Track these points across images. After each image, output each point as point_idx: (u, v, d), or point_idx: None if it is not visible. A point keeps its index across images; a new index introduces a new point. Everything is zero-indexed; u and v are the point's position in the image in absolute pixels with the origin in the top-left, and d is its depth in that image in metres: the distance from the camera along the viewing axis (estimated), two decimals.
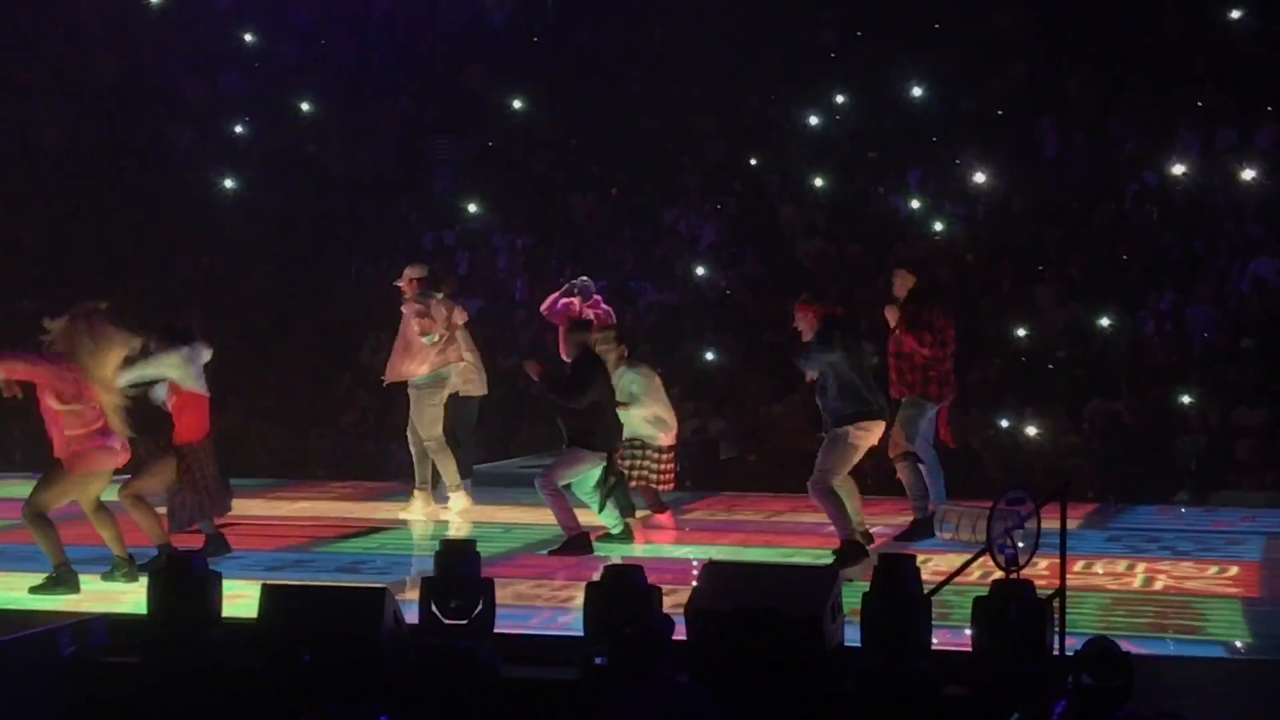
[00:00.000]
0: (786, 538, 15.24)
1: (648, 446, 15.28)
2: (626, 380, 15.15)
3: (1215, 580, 13.17)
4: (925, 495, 14.74)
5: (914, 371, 14.81)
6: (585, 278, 17.30)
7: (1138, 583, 12.97)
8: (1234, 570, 13.54)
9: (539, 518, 14.91)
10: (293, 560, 13.45)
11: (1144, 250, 22.73)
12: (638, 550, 14.03)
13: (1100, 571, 13.32)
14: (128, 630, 9.89)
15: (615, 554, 13.71)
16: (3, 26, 27.63)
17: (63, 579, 11.66)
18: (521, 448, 21.01)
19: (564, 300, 16.50)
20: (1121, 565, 13.68)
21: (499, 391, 19.92)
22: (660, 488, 15.46)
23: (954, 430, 15.67)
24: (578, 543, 13.89)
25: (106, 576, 11.97)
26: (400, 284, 16.21)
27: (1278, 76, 23.90)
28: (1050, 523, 9.69)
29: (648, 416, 15.24)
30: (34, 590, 11.58)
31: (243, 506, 13.86)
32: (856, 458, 13.65)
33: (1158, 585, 12.83)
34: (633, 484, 15.09)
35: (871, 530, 14.14)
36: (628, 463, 15.03)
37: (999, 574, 9.42)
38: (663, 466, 15.42)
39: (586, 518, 14.26)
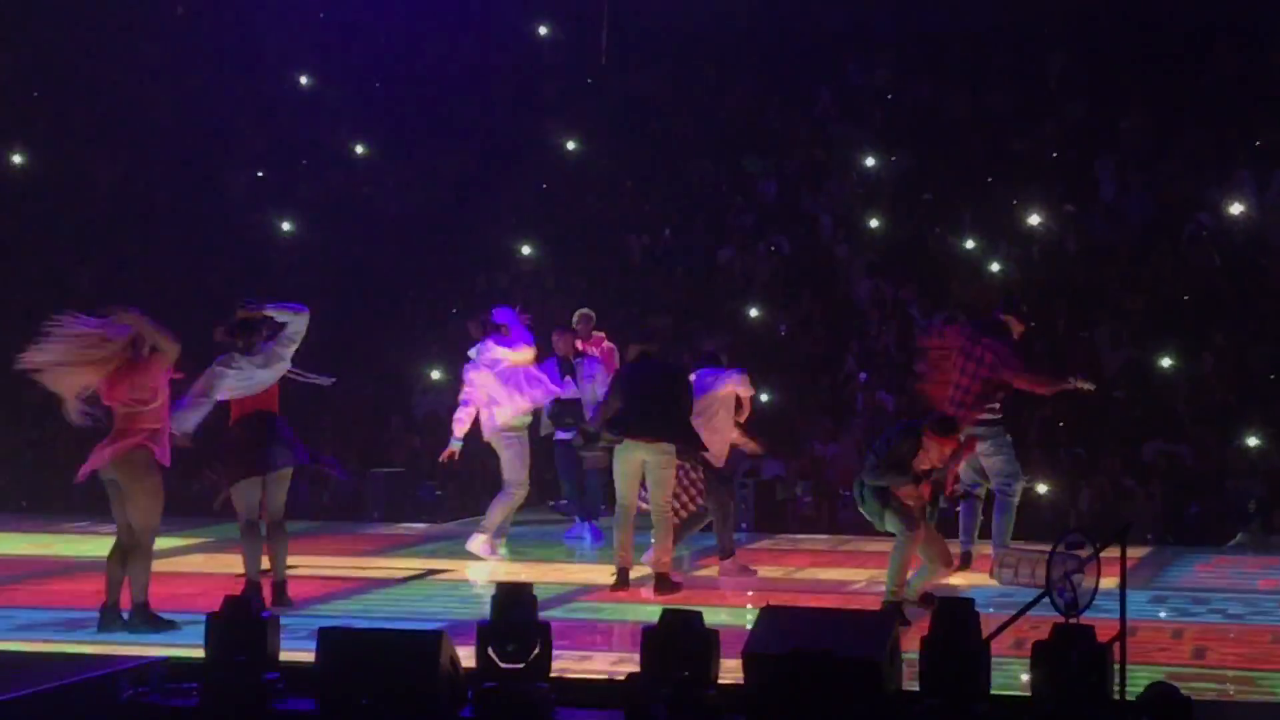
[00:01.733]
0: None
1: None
2: None
3: (1272, 649, 12.20)
4: (971, 531, 14.86)
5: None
6: (587, 310, 17.40)
7: (1188, 653, 11.93)
8: None
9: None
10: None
11: (1201, 290, 22.63)
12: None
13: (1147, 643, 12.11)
14: (186, 673, 9.90)
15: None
16: (62, 68, 27.83)
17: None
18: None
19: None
20: (1169, 633, 12.77)
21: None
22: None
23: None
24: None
25: None
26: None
27: None
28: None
29: None
30: None
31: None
32: None
33: (1209, 658, 11.75)
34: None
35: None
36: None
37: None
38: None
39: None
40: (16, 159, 26.77)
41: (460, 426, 16.15)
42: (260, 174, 27.18)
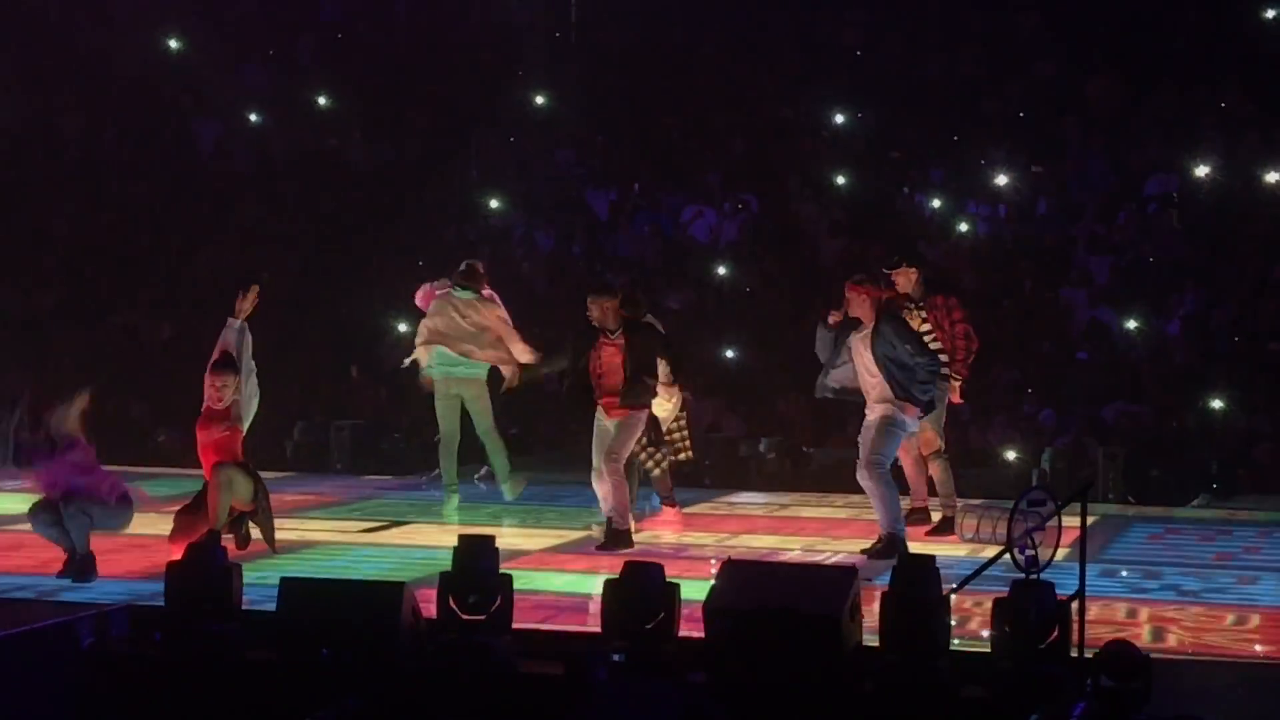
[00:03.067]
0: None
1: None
2: None
3: (1235, 634, 11.25)
4: (954, 493, 14.81)
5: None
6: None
7: (1146, 635, 10.88)
8: (1255, 620, 11.63)
9: None
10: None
11: (1168, 252, 22.70)
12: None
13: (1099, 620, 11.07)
14: (147, 621, 9.89)
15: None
16: (27, 19, 27.68)
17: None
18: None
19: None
20: (1121, 611, 11.72)
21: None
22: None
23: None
24: (624, 537, 13.86)
25: None
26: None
27: None
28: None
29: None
30: None
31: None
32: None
33: (1170, 640, 10.82)
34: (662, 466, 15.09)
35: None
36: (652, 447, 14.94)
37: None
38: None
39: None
40: None
41: None
42: (226, 124, 27.07)
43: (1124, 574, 13.38)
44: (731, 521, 15.90)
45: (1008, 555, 9.56)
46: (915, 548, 12.81)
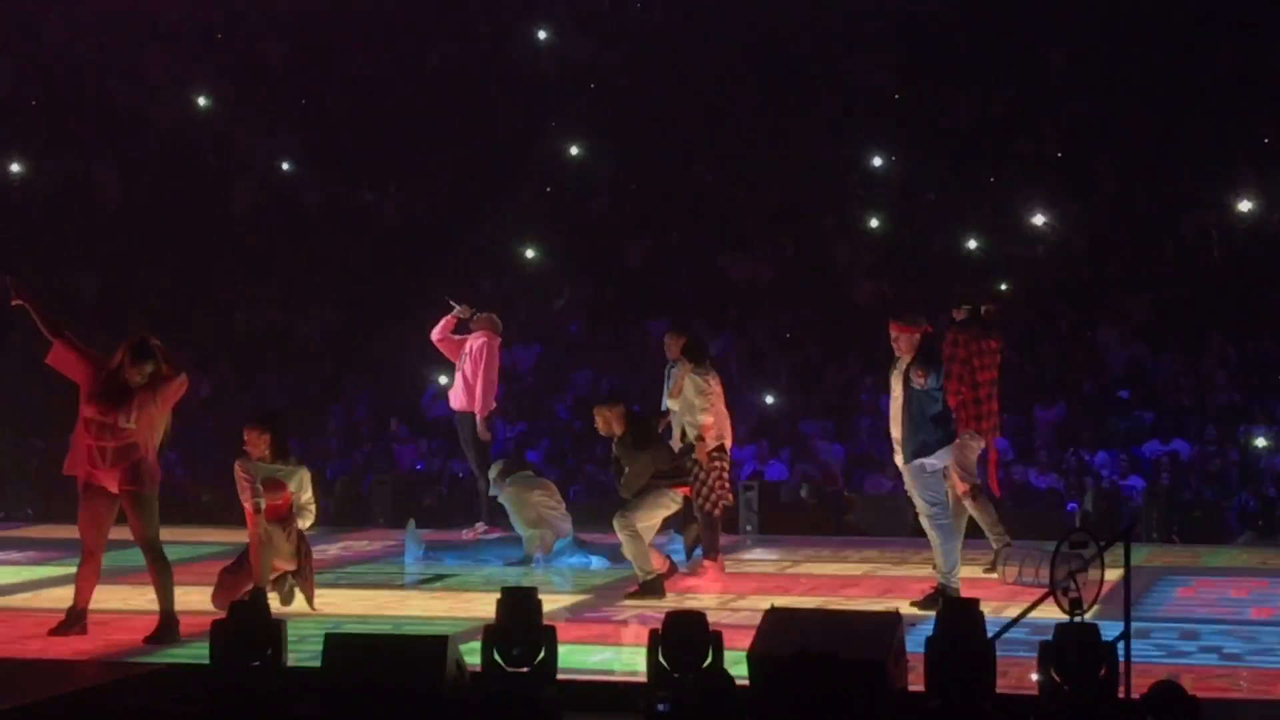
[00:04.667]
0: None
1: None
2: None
3: None
4: (998, 523, 14.67)
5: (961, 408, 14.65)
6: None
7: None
8: None
9: None
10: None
11: (1205, 287, 22.66)
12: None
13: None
14: (191, 681, 9.90)
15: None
16: (64, 79, 27.89)
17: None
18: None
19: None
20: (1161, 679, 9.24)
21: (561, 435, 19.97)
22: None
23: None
24: (654, 586, 13.89)
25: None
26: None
27: None
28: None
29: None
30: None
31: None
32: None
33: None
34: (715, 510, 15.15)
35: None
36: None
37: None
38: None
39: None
40: (15, 168, 26.86)
41: None
42: (260, 181, 27.22)
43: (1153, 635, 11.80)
44: (739, 581, 15.05)
45: (1051, 598, 9.52)
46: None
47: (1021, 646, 10.24)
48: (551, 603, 11.63)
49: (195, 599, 12.70)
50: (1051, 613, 9.56)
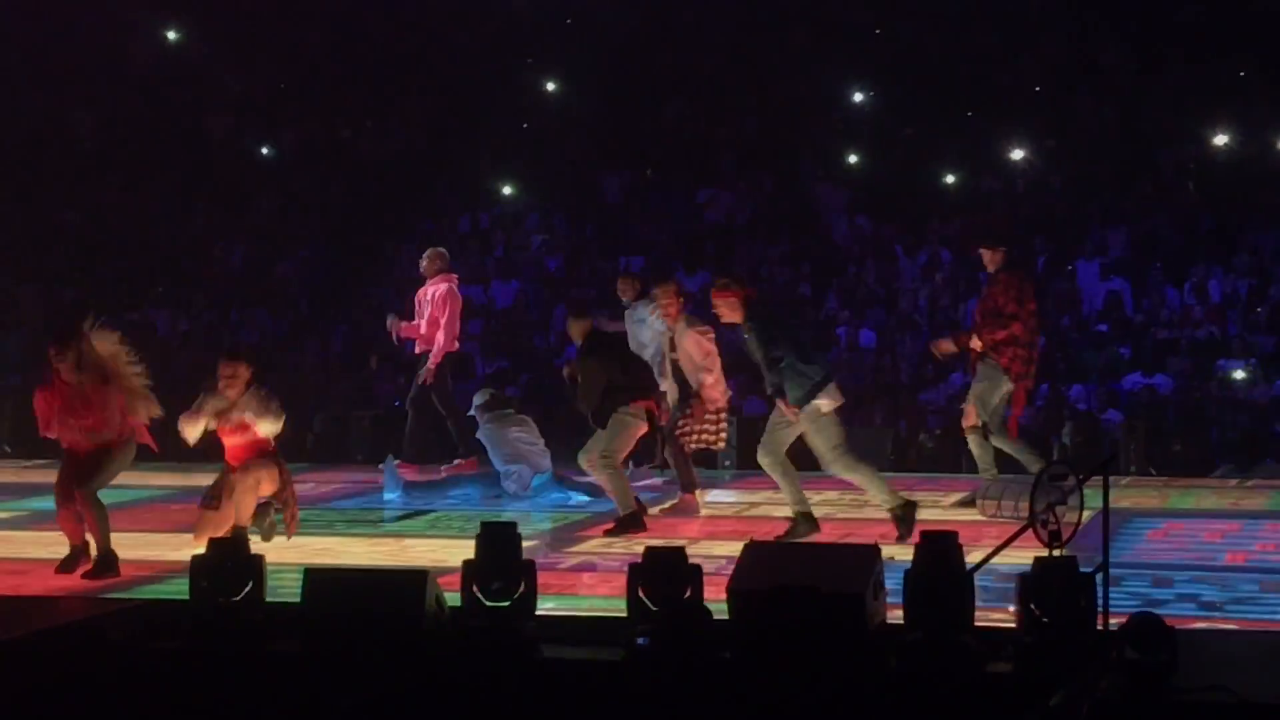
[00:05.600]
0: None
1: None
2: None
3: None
4: (992, 468, 14.77)
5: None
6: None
7: None
8: None
9: None
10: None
11: (1184, 222, 22.67)
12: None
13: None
14: (171, 615, 9.90)
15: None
16: (39, 17, 27.72)
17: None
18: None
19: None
20: None
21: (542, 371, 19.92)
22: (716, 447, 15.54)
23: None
24: (634, 520, 13.89)
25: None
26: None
27: None
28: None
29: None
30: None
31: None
32: None
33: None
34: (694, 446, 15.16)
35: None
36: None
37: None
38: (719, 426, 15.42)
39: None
40: None
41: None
42: (238, 117, 27.11)
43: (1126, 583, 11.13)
44: (698, 525, 14.56)
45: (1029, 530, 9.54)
46: (937, 523, 12.76)
47: (999, 580, 10.26)
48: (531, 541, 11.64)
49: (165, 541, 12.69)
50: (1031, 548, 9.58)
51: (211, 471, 13.30)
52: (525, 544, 9.77)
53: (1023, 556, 9.39)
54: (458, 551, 10.46)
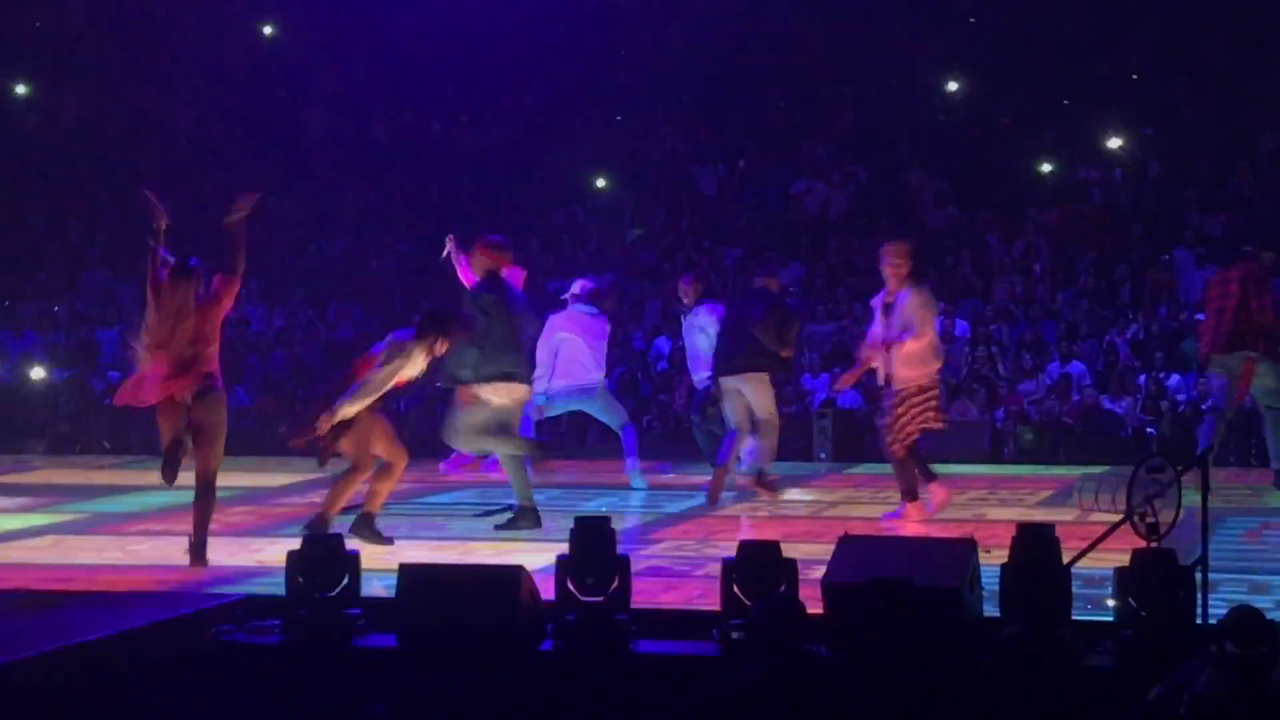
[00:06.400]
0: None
1: None
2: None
3: None
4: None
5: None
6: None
7: None
8: None
9: None
10: None
11: None
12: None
13: None
14: (269, 610, 9.95)
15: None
16: (137, 15, 27.97)
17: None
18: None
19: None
20: None
21: (635, 365, 19.92)
22: None
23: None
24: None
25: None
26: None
27: None
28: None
29: None
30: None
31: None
32: None
33: None
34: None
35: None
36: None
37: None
38: None
39: None
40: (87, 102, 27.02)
41: None
42: (332, 115, 27.26)
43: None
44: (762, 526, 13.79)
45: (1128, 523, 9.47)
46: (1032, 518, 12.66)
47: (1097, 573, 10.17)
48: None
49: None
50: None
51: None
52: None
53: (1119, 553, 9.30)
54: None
